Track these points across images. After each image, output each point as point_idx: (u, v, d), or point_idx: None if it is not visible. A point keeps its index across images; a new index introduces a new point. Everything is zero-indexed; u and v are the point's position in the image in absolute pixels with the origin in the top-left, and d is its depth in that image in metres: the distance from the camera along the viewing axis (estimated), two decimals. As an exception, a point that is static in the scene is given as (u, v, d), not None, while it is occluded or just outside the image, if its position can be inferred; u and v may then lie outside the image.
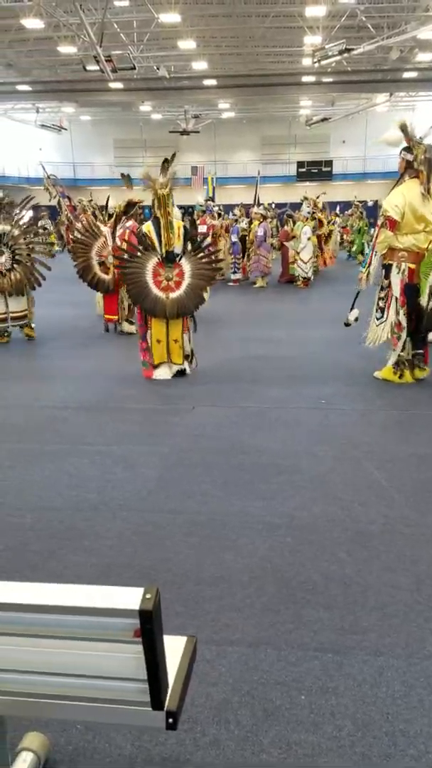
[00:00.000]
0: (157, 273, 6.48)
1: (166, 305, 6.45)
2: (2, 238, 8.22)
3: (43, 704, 1.48)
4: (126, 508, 3.67)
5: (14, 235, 8.30)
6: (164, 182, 6.34)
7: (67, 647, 1.38)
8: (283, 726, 2.09)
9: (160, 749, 2.02)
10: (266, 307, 12.16)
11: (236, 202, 21.14)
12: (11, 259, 8.22)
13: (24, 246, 8.35)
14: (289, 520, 3.46)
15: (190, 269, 6.59)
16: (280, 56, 25.31)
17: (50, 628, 1.35)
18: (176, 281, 6.50)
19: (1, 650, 1.42)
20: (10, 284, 8.22)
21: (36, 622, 1.34)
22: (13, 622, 1.35)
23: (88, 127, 39.19)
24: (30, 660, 1.43)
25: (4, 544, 3.27)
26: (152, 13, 18.38)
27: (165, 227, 6.36)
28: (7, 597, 1.33)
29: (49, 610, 1.32)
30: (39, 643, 1.38)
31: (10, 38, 22.38)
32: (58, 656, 1.40)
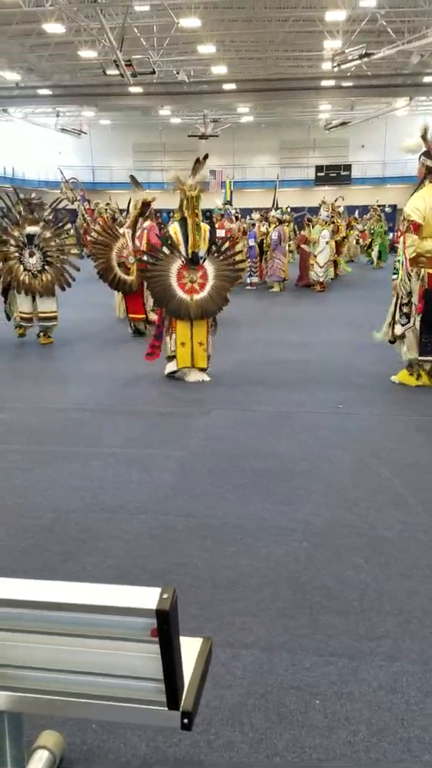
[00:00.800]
0: (181, 275, 6.52)
1: (191, 307, 6.48)
2: (33, 240, 8.31)
3: (59, 702, 1.50)
4: (142, 510, 3.69)
5: (45, 237, 8.39)
6: (194, 184, 6.39)
7: (84, 645, 1.39)
8: (297, 730, 2.09)
9: (174, 750, 2.03)
10: (282, 310, 12.16)
11: (254, 206, 21.18)
12: (42, 261, 8.31)
13: (54, 247, 8.42)
14: (305, 525, 3.46)
15: (214, 271, 6.63)
16: (300, 60, 25.33)
17: (67, 626, 1.37)
18: (200, 283, 6.53)
19: (18, 648, 1.44)
20: (41, 285, 8.31)
21: (53, 620, 1.36)
22: (30, 619, 1.37)
23: (107, 131, 39.45)
24: (47, 658, 1.44)
25: (22, 545, 3.30)
26: (172, 17, 18.47)
27: (192, 229, 6.40)
28: (25, 595, 1.35)
29: (67, 608, 1.33)
30: (56, 640, 1.40)
31: (32, 42, 22.64)
32: (74, 654, 1.42)
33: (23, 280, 8.29)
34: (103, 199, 22.06)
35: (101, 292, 11.56)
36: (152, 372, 6.78)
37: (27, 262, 8.29)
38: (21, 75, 26.10)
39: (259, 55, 24.78)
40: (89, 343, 8.81)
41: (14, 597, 1.34)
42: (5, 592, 1.34)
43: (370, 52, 18.38)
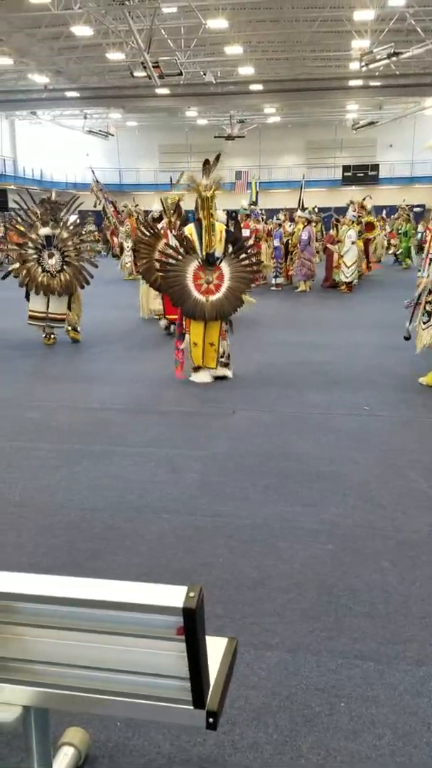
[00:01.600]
0: (197, 276, 6.54)
1: (206, 308, 6.49)
2: (52, 240, 8.39)
3: (85, 699, 1.51)
4: (167, 510, 3.70)
5: (63, 237, 8.46)
6: (208, 184, 6.39)
7: (110, 642, 1.40)
8: (321, 732, 2.08)
9: (199, 750, 2.04)
10: (308, 311, 12.10)
11: (280, 207, 21.12)
12: (61, 261, 8.39)
13: (72, 247, 8.50)
14: (330, 527, 3.44)
15: (230, 272, 6.62)
16: (328, 60, 25.19)
17: (94, 623, 1.37)
18: (216, 284, 6.55)
19: (45, 644, 1.46)
20: (60, 285, 8.39)
21: (80, 617, 1.37)
22: (58, 615, 1.38)
23: (134, 132, 39.65)
24: (74, 654, 1.46)
25: (49, 542, 3.34)
26: (200, 19, 18.51)
27: (207, 229, 6.40)
28: (53, 591, 1.36)
29: (94, 605, 1.34)
30: (83, 637, 1.41)
31: (60, 45, 22.85)
32: (101, 651, 1.43)
33: (41, 281, 8.36)
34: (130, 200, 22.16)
35: (126, 293, 11.65)
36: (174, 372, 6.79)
37: (46, 264, 8.37)
38: (49, 78, 26.37)
39: (286, 56, 24.70)
40: (115, 343, 8.86)
41: (42, 593, 1.35)
42: (34, 589, 1.36)
43: (398, 51, 18.19)
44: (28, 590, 1.35)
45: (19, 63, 24.37)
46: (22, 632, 1.43)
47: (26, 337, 8.89)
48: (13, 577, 1.40)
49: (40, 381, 6.94)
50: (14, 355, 8.08)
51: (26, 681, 1.52)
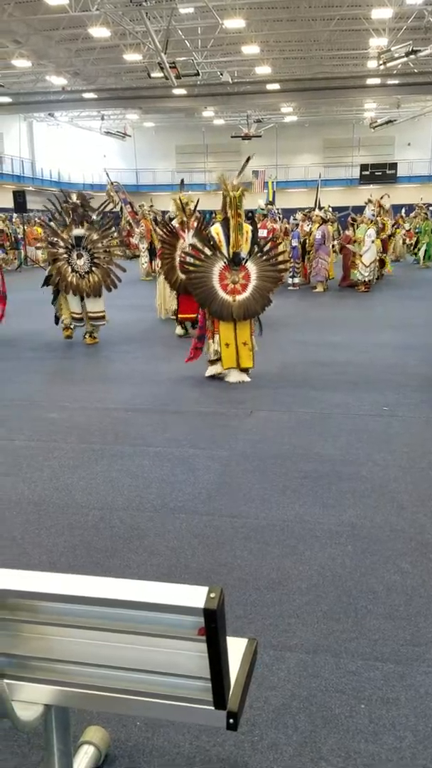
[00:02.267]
0: (223, 276, 6.54)
1: (233, 308, 6.49)
2: (81, 242, 8.44)
3: (106, 698, 1.51)
4: (186, 510, 3.71)
5: (93, 239, 8.50)
6: (237, 184, 6.40)
7: (131, 642, 1.40)
8: (342, 734, 2.07)
9: (218, 750, 2.03)
10: (326, 311, 12.06)
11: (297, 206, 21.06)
12: (90, 262, 8.44)
13: (101, 249, 8.54)
14: (350, 529, 3.42)
15: (256, 271, 6.62)
16: (345, 59, 25.11)
17: (115, 622, 1.38)
18: (242, 284, 6.54)
19: (67, 643, 1.46)
20: (89, 286, 8.44)
21: (101, 616, 1.37)
22: (79, 615, 1.39)
23: (151, 133, 39.78)
24: (94, 653, 1.46)
25: (70, 541, 3.35)
26: (217, 19, 18.51)
27: (234, 229, 6.41)
28: (74, 590, 1.37)
29: (115, 605, 1.34)
30: (104, 636, 1.41)
31: (78, 47, 23.00)
32: (122, 650, 1.43)
33: (71, 281, 8.44)
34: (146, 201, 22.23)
35: (143, 294, 11.68)
36: (195, 373, 6.80)
37: (75, 264, 8.43)
38: (67, 79, 26.55)
39: (303, 55, 24.65)
40: (133, 344, 8.89)
41: (64, 592, 1.36)
42: (55, 588, 1.36)
43: (416, 49, 18.06)
44: (50, 589, 1.36)
45: (38, 65, 24.57)
46: (43, 631, 1.43)
47: (47, 339, 8.96)
48: (35, 576, 1.41)
49: (60, 382, 6.98)
50: (35, 357, 8.14)
51: (47, 680, 1.53)
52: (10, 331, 9.38)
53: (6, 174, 33.19)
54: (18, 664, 1.49)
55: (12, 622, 1.43)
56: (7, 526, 3.53)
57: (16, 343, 8.90)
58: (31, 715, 1.58)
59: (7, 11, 18.89)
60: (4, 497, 3.92)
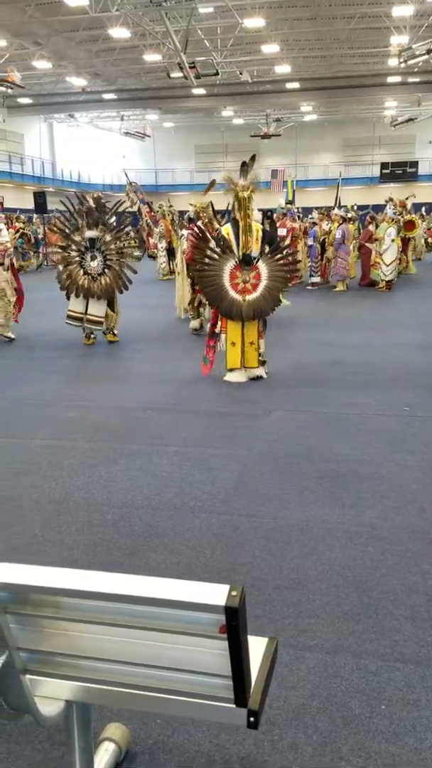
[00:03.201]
0: (233, 276, 6.53)
1: (242, 307, 6.48)
2: (95, 243, 8.47)
3: (127, 695, 1.52)
4: (205, 509, 3.71)
5: (106, 240, 8.53)
6: (245, 185, 6.37)
7: (153, 639, 1.41)
8: (362, 735, 2.06)
9: (238, 748, 2.03)
10: (346, 310, 12.00)
11: (316, 205, 20.99)
12: (102, 264, 8.47)
13: (114, 251, 8.57)
14: (370, 530, 3.40)
15: (267, 272, 6.60)
16: (365, 57, 24.96)
17: (137, 619, 1.38)
18: (253, 283, 6.53)
19: (88, 639, 1.47)
20: (100, 288, 8.47)
21: (123, 613, 1.38)
22: (101, 611, 1.39)
23: (170, 133, 39.87)
24: (116, 650, 1.47)
25: (89, 539, 3.38)
26: (236, 18, 18.50)
27: (244, 230, 6.39)
28: (96, 587, 1.38)
29: (136, 601, 1.35)
30: (125, 633, 1.42)
31: (98, 48, 23.12)
32: (143, 647, 1.44)
33: (82, 284, 8.45)
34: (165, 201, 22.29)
35: (161, 294, 11.72)
36: (212, 372, 6.80)
37: (88, 266, 8.45)
38: (87, 80, 26.70)
39: (323, 53, 24.55)
40: (151, 343, 8.92)
41: (86, 589, 1.36)
42: (78, 584, 1.37)
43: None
44: (74, 586, 1.37)
45: (58, 66, 24.73)
46: (66, 627, 1.44)
47: (66, 338, 9.02)
48: (58, 572, 1.42)
49: (79, 381, 7.03)
50: (55, 356, 8.19)
51: (69, 676, 1.54)
52: (29, 331, 9.46)
53: (27, 175, 33.45)
54: (41, 659, 1.50)
55: (35, 618, 1.44)
56: (27, 524, 3.56)
57: (35, 342, 8.98)
58: (53, 711, 1.60)
59: (27, 13, 19.05)
60: (24, 495, 3.95)
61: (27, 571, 1.42)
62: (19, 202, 28.36)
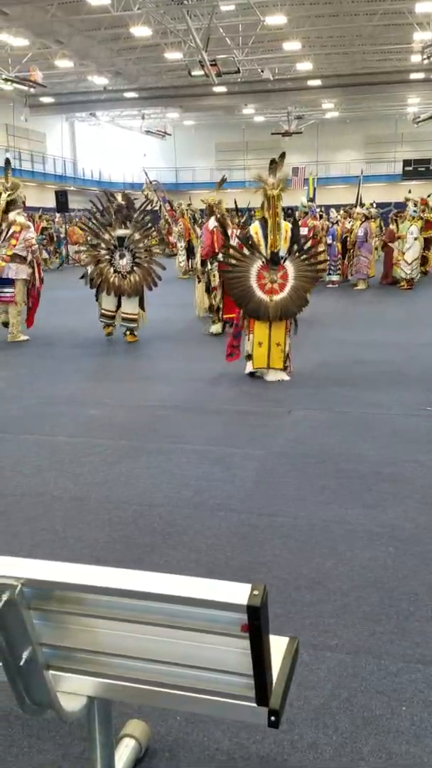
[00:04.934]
0: (261, 275, 6.50)
1: (270, 308, 6.46)
2: (123, 242, 8.52)
3: (149, 691, 1.52)
4: (224, 508, 3.72)
5: (135, 238, 8.57)
6: (275, 183, 6.35)
7: (174, 636, 1.41)
8: (383, 736, 2.05)
9: (258, 747, 2.04)
10: (367, 309, 11.93)
11: (337, 203, 20.88)
12: (131, 262, 8.51)
13: (143, 249, 8.60)
14: (391, 530, 3.38)
15: (294, 271, 6.57)
16: (388, 54, 24.78)
17: (158, 616, 1.39)
18: (280, 283, 6.50)
19: (110, 635, 1.48)
20: (130, 286, 8.52)
21: (145, 610, 1.39)
22: (123, 608, 1.40)
23: (191, 131, 39.91)
24: (138, 647, 1.48)
25: (110, 535, 3.40)
26: (258, 15, 18.47)
27: (272, 228, 6.37)
28: (119, 583, 1.39)
29: (159, 599, 1.36)
30: (147, 630, 1.43)
31: (119, 46, 23.21)
32: (164, 645, 1.44)
33: (113, 282, 8.51)
34: (185, 199, 22.34)
35: (181, 292, 11.74)
36: (232, 371, 6.80)
37: (117, 264, 8.51)
38: (109, 79, 26.81)
39: (346, 50, 24.42)
40: (171, 342, 8.94)
41: (110, 585, 1.37)
42: (102, 580, 1.38)
43: (462, 42, 17.76)
44: (97, 582, 1.38)
45: (80, 65, 24.87)
46: (89, 624, 1.46)
47: (86, 336, 9.08)
48: (83, 569, 1.43)
49: (100, 379, 7.07)
50: (76, 354, 8.25)
51: (91, 672, 1.55)
52: (50, 329, 9.53)
53: (49, 174, 33.69)
54: (63, 655, 1.52)
55: (58, 614, 1.45)
56: (49, 520, 3.60)
57: (56, 341, 9.04)
58: (75, 707, 1.61)
59: (50, 12, 19.18)
60: (46, 492, 3.99)
61: (51, 567, 1.44)
62: (41, 201, 28.56)
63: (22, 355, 8.28)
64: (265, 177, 6.36)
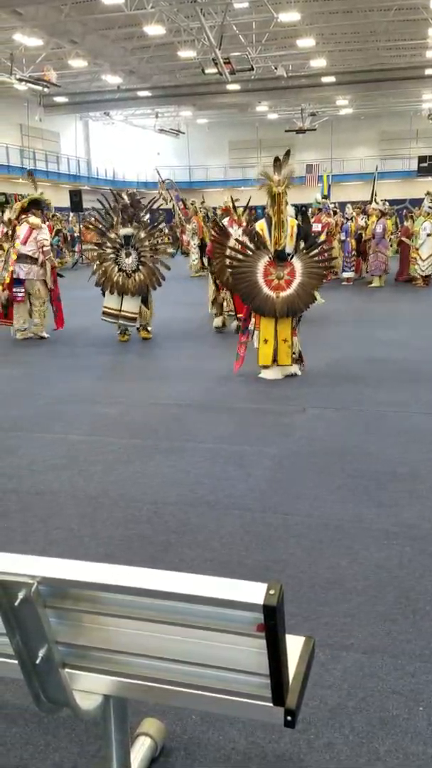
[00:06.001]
0: (267, 272, 6.49)
1: (276, 304, 6.44)
2: (129, 240, 8.53)
3: (164, 690, 1.52)
4: (238, 506, 3.71)
5: (140, 237, 8.58)
6: (280, 180, 6.32)
7: (190, 635, 1.41)
8: (399, 736, 2.04)
9: (274, 747, 2.03)
10: (382, 306, 11.86)
11: (352, 200, 20.78)
12: (137, 261, 8.52)
13: (148, 247, 8.61)
14: (407, 529, 3.36)
15: (301, 268, 6.54)
16: (403, 50, 24.61)
17: (175, 615, 1.39)
18: (287, 280, 6.48)
19: (127, 634, 1.48)
20: (134, 285, 8.52)
21: (162, 608, 1.38)
22: (140, 607, 1.40)
23: (204, 130, 39.87)
24: (154, 645, 1.47)
25: (125, 534, 3.40)
26: (272, 12, 18.40)
27: (276, 225, 6.34)
28: (135, 582, 1.38)
29: (175, 598, 1.35)
30: (163, 629, 1.42)
31: (133, 45, 23.23)
32: (180, 644, 1.44)
33: (117, 281, 8.51)
34: (199, 197, 22.31)
35: (194, 290, 11.74)
36: (245, 369, 6.79)
37: (123, 263, 8.51)
38: (122, 78, 26.85)
39: (360, 47, 24.27)
40: (184, 340, 8.94)
41: (125, 584, 1.37)
42: (117, 579, 1.38)
43: None
44: (113, 581, 1.38)
45: (93, 64, 24.92)
46: (104, 622, 1.46)
47: (101, 335, 9.10)
48: (98, 567, 1.43)
49: (114, 378, 7.08)
50: (89, 352, 8.28)
51: (107, 670, 1.55)
52: (65, 329, 9.55)
53: (63, 173, 33.80)
54: (79, 654, 1.52)
55: (74, 613, 1.45)
56: (64, 518, 3.61)
57: (70, 339, 9.07)
58: (91, 705, 1.61)
59: (64, 12, 19.23)
60: (61, 490, 4.00)
61: (67, 565, 1.44)
62: (55, 201, 28.53)
63: (36, 353, 8.32)
64: (270, 174, 6.33)
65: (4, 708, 2.24)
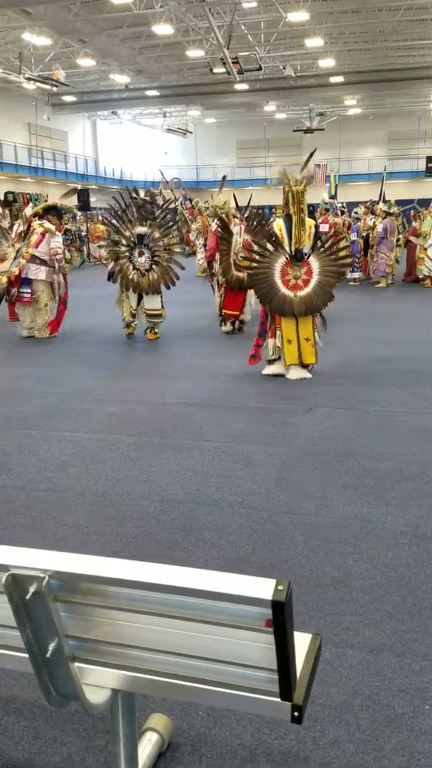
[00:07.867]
0: (285, 272, 6.50)
1: (294, 304, 6.45)
2: (143, 239, 8.55)
3: (173, 685, 1.53)
4: (245, 505, 3.72)
5: (154, 236, 8.60)
6: (300, 179, 6.34)
7: (198, 630, 1.42)
8: (406, 734, 2.04)
9: (280, 743, 2.04)
10: (389, 306, 11.84)
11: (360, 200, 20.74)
12: (150, 260, 8.54)
13: (162, 247, 8.62)
14: (415, 529, 3.36)
15: (319, 267, 6.55)
16: (412, 49, 24.54)
17: (183, 610, 1.40)
18: (304, 279, 6.49)
19: (135, 629, 1.49)
20: (148, 284, 8.55)
21: (171, 603, 1.39)
22: (149, 601, 1.41)
23: (212, 129, 39.86)
24: (162, 640, 1.49)
25: (132, 531, 3.42)
26: (280, 12, 18.39)
27: (297, 225, 6.36)
28: (144, 577, 1.40)
29: (184, 593, 1.36)
30: (172, 624, 1.44)
31: (141, 45, 23.24)
32: (189, 638, 1.45)
33: (132, 279, 8.55)
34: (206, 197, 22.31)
35: (201, 290, 11.74)
36: (253, 368, 6.79)
37: (136, 261, 8.54)
38: (130, 77, 26.88)
39: (368, 46, 24.21)
40: (191, 339, 8.95)
41: (134, 578, 1.38)
42: (126, 574, 1.39)
43: None
44: (123, 575, 1.39)
45: (102, 64, 24.97)
46: (113, 616, 1.47)
47: (108, 334, 9.12)
48: (108, 562, 1.44)
49: (122, 376, 7.10)
50: (98, 351, 8.30)
51: (116, 664, 1.57)
52: (73, 327, 9.59)
53: (71, 172, 33.85)
54: (89, 647, 1.53)
55: (83, 607, 1.47)
56: (72, 515, 3.63)
57: (79, 338, 9.10)
58: (100, 699, 1.62)
59: (72, 11, 19.27)
60: (69, 487, 4.02)
61: (77, 560, 1.45)
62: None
63: (46, 352, 8.35)
64: (289, 174, 6.36)
65: (13, 702, 2.26)
